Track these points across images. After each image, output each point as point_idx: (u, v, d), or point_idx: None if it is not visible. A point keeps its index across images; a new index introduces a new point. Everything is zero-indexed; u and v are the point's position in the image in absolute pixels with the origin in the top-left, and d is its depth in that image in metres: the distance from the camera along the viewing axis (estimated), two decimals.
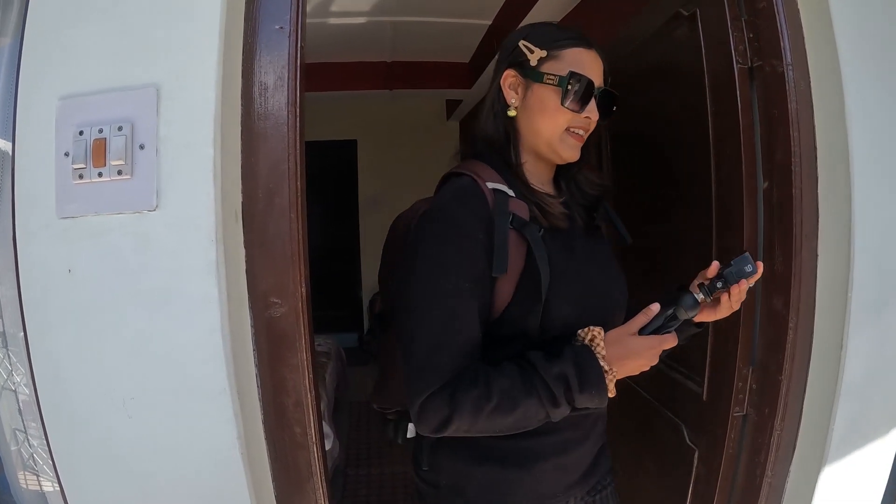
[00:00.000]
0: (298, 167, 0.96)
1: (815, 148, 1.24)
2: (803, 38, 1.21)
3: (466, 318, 0.91)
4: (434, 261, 0.93)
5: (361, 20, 3.17)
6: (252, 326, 0.93)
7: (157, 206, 0.85)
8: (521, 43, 1.03)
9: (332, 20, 3.19)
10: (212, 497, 0.90)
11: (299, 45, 0.96)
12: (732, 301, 1.01)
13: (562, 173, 1.14)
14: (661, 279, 1.67)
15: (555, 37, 1.04)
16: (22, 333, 0.88)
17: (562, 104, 1.00)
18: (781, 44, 1.20)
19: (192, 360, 0.87)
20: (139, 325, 0.86)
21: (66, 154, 0.86)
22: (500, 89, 1.05)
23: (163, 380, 0.87)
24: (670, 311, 0.94)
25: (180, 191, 0.86)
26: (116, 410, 0.86)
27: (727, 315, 1.04)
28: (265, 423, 0.95)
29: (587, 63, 1.02)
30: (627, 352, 0.92)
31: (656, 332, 0.94)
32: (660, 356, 0.97)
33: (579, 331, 0.95)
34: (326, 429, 2.52)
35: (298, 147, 0.96)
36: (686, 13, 1.48)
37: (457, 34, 3.62)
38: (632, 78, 1.84)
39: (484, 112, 1.09)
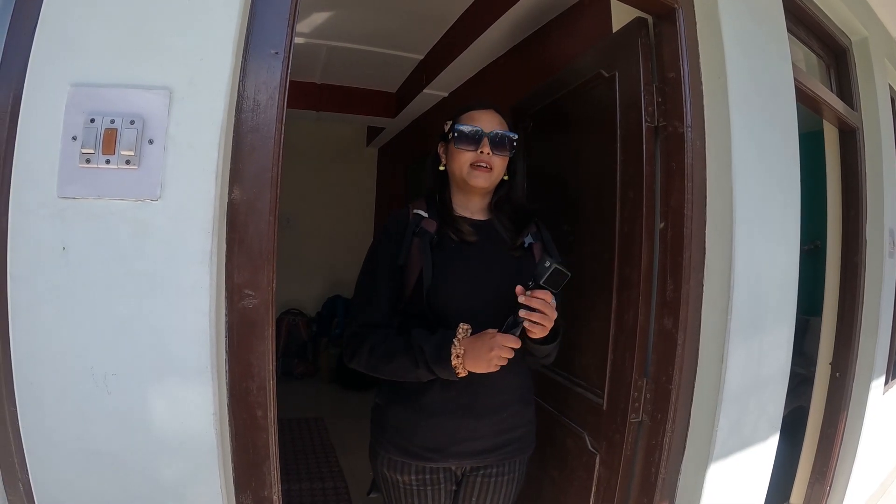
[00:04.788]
0: (278, 177, 1.06)
1: (706, 196, 1.50)
2: (703, 105, 1.49)
3: (380, 287, 1.42)
4: (369, 252, 1.48)
5: (300, 40, 3.24)
6: (226, 315, 1.00)
7: (159, 197, 0.91)
8: (445, 123, 1.50)
9: None
10: (182, 473, 0.94)
11: (289, 69, 1.07)
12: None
13: (492, 202, 1.53)
14: (571, 304, 1.82)
15: (461, 109, 1.50)
16: None
17: (456, 147, 1.43)
18: (684, 109, 1.46)
19: (178, 340, 0.92)
20: (129, 305, 0.90)
21: (74, 138, 0.89)
22: (435, 155, 1.53)
23: (147, 358, 0.91)
24: (509, 320, 1.30)
25: (183, 185, 0.92)
26: (96, 386, 0.89)
27: (540, 332, 1.31)
28: (230, 405, 1.01)
29: (477, 118, 1.45)
30: (476, 345, 1.28)
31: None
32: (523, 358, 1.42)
33: (461, 323, 1.32)
34: None
35: (280, 160, 1.06)
36: (606, 74, 1.71)
37: (388, 65, 3.78)
38: (552, 121, 2.09)
39: (426, 171, 1.57)
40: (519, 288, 1.28)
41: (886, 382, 2.60)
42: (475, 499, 1.49)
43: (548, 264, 1.26)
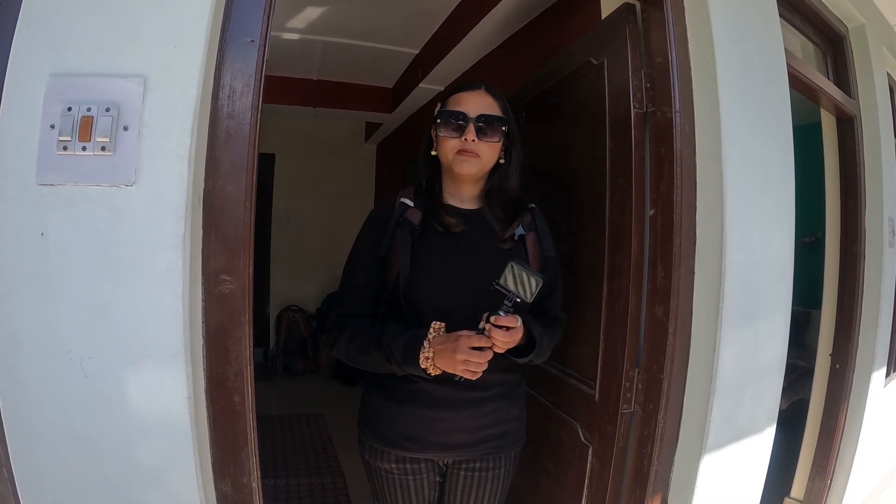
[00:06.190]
0: (254, 164, 1.06)
1: (696, 182, 1.48)
2: (692, 90, 1.46)
3: (359, 278, 1.40)
4: (354, 242, 1.44)
5: (294, 37, 3.24)
6: (203, 300, 1.01)
7: (134, 182, 0.92)
8: (437, 105, 1.41)
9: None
10: (158, 457, 0.95)
11: (265, 57, 1.07)
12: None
13: (484, 190, 1.46)
14: (565, 295, 1.82)
15: (450, 92, 1.42)
16: None
17: (440, 133, 1.36)
18: (672, 94, 1.44)
19: (153, 324, 0.93)
20: (105, 289, 0.91)
21: (52, 126, 0.91)
22: (429, 139, 1.44)
23: (122, 342, 0.92)
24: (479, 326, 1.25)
25: (157, 171, 0.93)
26: (73, 370, 0.90)
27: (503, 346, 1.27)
28: (207, 390, 1.01)
29: (463, 100, 1.37)
30: (445, 345, 1.24)
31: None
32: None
33: (434, 322, 1.28)
34: None
35: (256, 146, 1.06)
36: (595, 62, 1.69)
37: (383, 60, 3.76)
38: (543, 112, 2.07)
39: (419, 157, 1.50)
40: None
41: (888, 375, 2.57)
42: (460, 493, 1.47)
43: (508, 266, 1.23)
